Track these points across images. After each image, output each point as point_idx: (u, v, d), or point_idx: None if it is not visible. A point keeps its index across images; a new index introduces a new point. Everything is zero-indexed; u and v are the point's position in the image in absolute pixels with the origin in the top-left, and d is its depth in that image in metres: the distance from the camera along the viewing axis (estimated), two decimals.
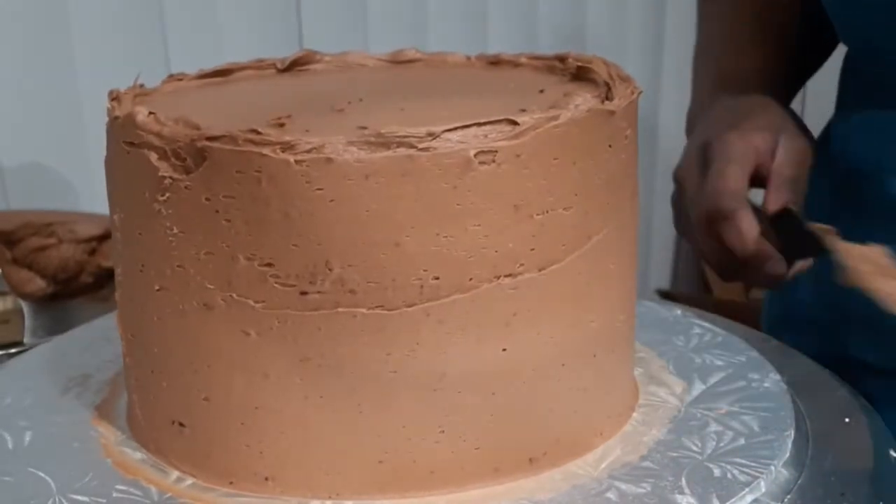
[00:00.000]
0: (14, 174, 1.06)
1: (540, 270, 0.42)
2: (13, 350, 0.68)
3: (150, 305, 0.44)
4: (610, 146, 0.43)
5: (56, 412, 0.48)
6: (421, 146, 0.39)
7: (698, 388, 0.51)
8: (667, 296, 1.59)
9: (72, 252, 0.77)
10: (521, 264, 0.41)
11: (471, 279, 0.41)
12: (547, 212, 0.41)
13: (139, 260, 0.44)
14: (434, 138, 0.39)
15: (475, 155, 0.39)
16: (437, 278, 0.40)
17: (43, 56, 1.07)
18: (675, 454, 0.45)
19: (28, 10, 1.05)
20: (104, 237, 0.78)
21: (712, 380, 0.52)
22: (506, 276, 0.41)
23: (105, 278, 0.79)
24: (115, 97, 0.47)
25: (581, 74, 0.50)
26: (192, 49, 1.05)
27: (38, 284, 0.76)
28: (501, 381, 0.42)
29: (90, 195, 1.06)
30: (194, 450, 0.44)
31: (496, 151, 0.40)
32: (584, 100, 0.42)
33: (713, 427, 0.47)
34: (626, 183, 0.45)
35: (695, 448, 0.45)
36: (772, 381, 0.52)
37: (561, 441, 0.44)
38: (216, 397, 0.43)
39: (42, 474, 0.42)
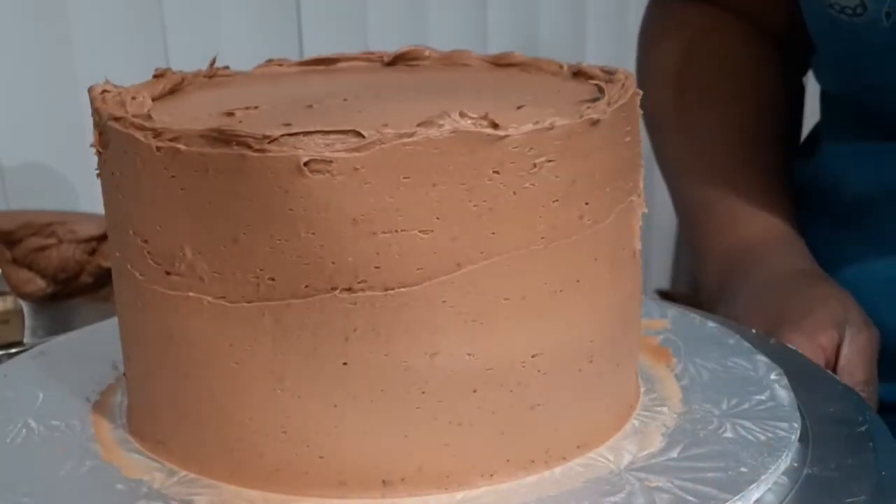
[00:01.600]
0: (14, 174, 1.08)
1: (385, 290, 0.40)
2: (13, 350, 0.69)
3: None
4: (496, 173, 0.40)
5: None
6: (256, 147, 0.39)
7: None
8: (667, 296, 1.48)
9: (72, 252, 0.78)
10: (362, 281, 0.40)
11: (306, 286, 0.40)
12: (396, 231, 0.40)
13: None
14: (270, 141, 0.39)
15: (306, 163, 0.39)
16: (273, 279, 0.41)
17: (43, 56, 1.07)
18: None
19: (28, 9, 1.05)
20: (104, 237, 0.75)
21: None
22: (344, 289, 0.40)
23: (105, 278, 0.78)
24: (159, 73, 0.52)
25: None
26: (193, 49, 1.04)
27: (38, 284, 0.78)
28: (341, 395, 0.41)
29: (90, 195, 0.99)
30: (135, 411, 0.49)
31: (331, 161, 0.39)
32: (452, 121, 0.39)
33: None
34: (546, 210, 0.42)
35: None
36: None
37: (422, 469, 0.43)
38: (131, 359, 0.47)
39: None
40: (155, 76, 0.52)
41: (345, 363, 0.41)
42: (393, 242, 0.40)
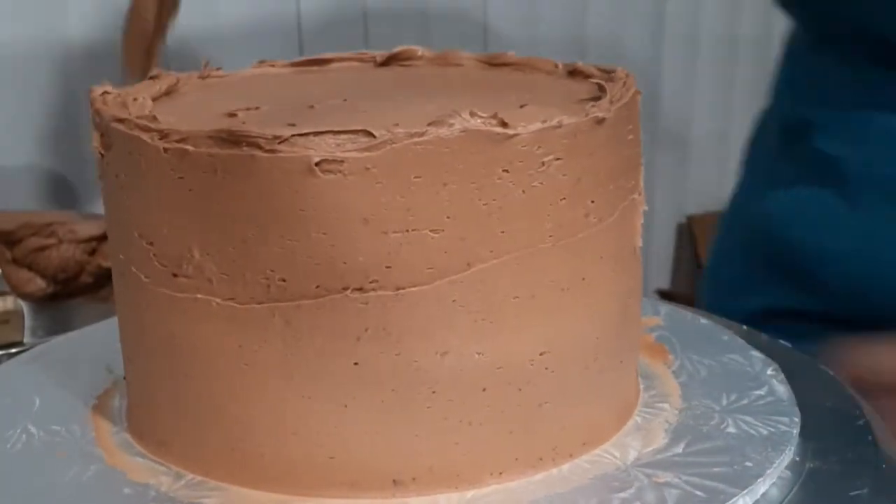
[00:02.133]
0: (14, 174, 1.07)
1: (396, 290, 0.40)
2: (13, 350, 0.69)
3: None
4: (506, 171, 0.40)
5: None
6: (266, 147, 0.39)
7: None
8: (666, 296, 1.51)
9: (72, 252, 0.78)
10: (374, 280, 0.40)
11: (317, 287, 0.40)
12: (407, 231, 0.40)
13: None
14: (280, 142, 0.39)
15: (317, 163, 0.39)
16: (284, 280, 0.40)
17: (43, 55, 1.07)
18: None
19: (27, 9, 1.06)
20: (104, 237, 0.73)
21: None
22: (355, 289, 0.40)
23: (105, 278, 0.78)
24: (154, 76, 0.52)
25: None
26: (192, 49, 1.04)
27: (37, 284, 0.78)
28: (352, 395, 0.41)
29: (90, 195, 1.04)
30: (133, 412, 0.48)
31: (343, 161, 0.39)
32: (462, 120, 0.40)
33: None
34: (554, 208, 0.42)
35: None
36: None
37: (432, 468, 0.43)
38: (133, 362, 0.47)
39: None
40: (150, 77, 0.51)
41: (356, 363, 0.41)
42: (404, 242, 0.40)
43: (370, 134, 0.39)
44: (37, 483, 0.44)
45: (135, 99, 0.45)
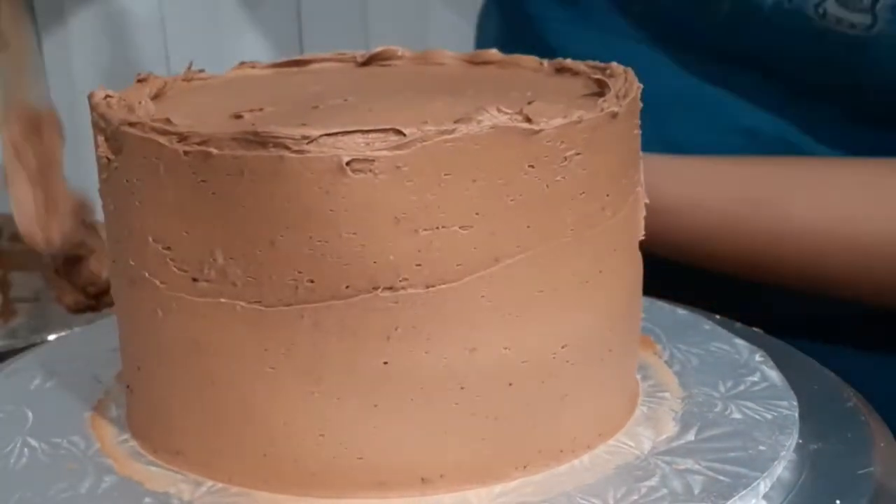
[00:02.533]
0: None
1: (427, 288, 0.40)
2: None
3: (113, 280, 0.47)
4: (531, 167, 0.41)
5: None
6: (295, 148, 0.39)
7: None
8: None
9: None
10: (404, 279, 0.40)
11: (347, 287, 0.40)
12: (437, 228, 0.40)
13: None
14: (309, 142, 0.39)
15: (348, 163, 0.39)
16: (312, 281, 0.40)
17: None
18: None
19: None
20: None
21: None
22: (386, 288, 0.40)
23: None
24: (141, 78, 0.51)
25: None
26: (192, 49, 1.05)
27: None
28: (381, 395, 0.41)
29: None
30: (139, 417, 0.47)
31: (373, 161, 0.39)
32: (490, 116, 0.40)
33: None
34: (574, 202, 0.42)
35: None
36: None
37: (460, 464, 0.43)
38: (143, 369, 0.46)
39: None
40: (138, 81, 0.50)
41: (385, 362, 0.41)
42: (434, 239, 0.40)
43: (400, 132, 0.39)
44: (54, 497, 0.42)
45: (140, 102, 0.44)
